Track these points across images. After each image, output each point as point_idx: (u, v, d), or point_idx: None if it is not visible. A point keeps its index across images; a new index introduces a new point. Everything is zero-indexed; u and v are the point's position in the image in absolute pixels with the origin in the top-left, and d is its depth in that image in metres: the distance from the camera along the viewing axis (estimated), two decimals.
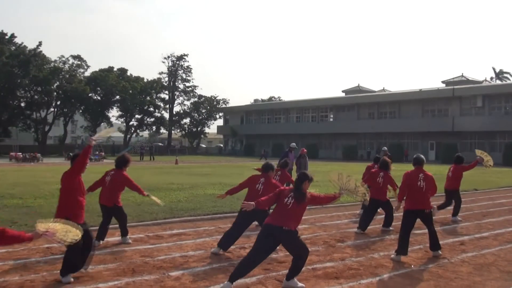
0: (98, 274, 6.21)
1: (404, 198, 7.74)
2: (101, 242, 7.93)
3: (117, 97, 62.85)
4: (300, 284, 5.81)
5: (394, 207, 7.75)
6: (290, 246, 5.77)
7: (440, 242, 8.40)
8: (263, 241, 5.70)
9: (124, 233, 8.16)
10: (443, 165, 36.24)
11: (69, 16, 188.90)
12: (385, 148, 20.18)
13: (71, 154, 40.53)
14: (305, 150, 17.85)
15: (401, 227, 7.58)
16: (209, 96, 75.47)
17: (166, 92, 72.96)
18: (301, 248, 5.75)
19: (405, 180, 7.69)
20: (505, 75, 76.31)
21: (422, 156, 7.92)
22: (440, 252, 7.49)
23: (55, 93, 57.81)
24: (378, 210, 10.71)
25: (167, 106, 73.36)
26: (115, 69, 66.07)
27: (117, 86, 60.58)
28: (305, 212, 11.98)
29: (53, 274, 6.13)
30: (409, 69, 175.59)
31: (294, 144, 18.34)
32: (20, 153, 41.33)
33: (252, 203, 5.81)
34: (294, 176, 17.57)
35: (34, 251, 7.36)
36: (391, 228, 9.64)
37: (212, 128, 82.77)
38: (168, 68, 73.89)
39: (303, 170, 17.16)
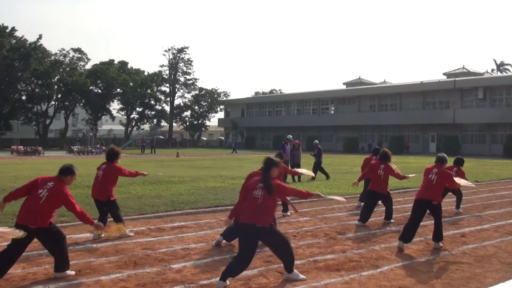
0: (100, 266, 6.24)
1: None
2: (103, 235, 7.94)
3: (118, 90, 62.79)
4: (301, 276, 5.79)
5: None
6: (267, 242, 5.64)
7: None
8: (243, 240, 5.58)
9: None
10: None
11: (70, 8, 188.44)
12: (316, 141, 20.04)
13: (72, 147, 40.21)
14: (298, 142, 18.58)
15: (410, 216, 7.72)
16: (210, 89, 75.31)
17: (167, 85, 72.80)
18: (280, 243, 5.61)
19: (424, 172, 7.91)
20: (506, 67, 76.14)
21: (442, 156, 8.00)
22: (441, 244, 7.51)
23: (55, 86, 57.74)
24: (379, 202, 10.70)
25: (168, 99, 73.26)
26: (115, 62, 65.96)
27: (117, 79, 60.47)
28: (306, 204, 12.06)
29: None
30: (410, 61, 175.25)
31: (290, 136, 19.00)
32: (21, 146, 41.38)
33: (230, 220, 5.93)
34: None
35: (37, 243, 7.37)
36: (392, 220, 9.65)
37: (213, 121, 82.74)
38: (168, 61, 73.76)
39: (297, 161, 17.46)
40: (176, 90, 74.86)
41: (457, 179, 9.05)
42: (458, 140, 46.30)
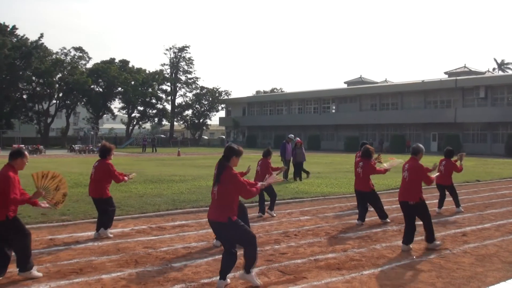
0: (101, 265, 6.24)
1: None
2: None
3: (119, 89, 62.82)
4: (258, 282, 5.48)
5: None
6: (233, 238, 5.44)
7: (442, 233, 8.44)
8: (216, 235, 5.68)
9: (107, 225, 7.91)
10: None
11: (70, 8, 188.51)
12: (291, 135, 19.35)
13: (73, 146, 40.04)
14: (300, 141, 18.37)
15: None
16: (211, 88, 75.27)
17: (168, 83, 72.82)
18: (244, 237, 5.41)
19: (402, 169, 7.69)
20: (508, 66, 76.00)
21: (416, 146, 7.66)
22: (437, 243, 7.37)
23: (57, 85, 57.75)
24: None
25: (169, 97, 73.28)
26: (116, 61, 65.96)
27: (119, 78, 60.47)
28: (307, 203, 12.05)
29: (57, 265, 6.17)
30: (411, 60, 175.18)
31: (292, 135, 18.92)
32: (23, 145, 41.38)
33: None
34: (293, 168, 17.78)
35: (38, 242, 7.40)
36: (388, 219, 9.51)
37: (214, 119, 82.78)
38: (170, 60, 73.78)
39: (299, 160, 17.46)
40: (177, 89, 74.90)
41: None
42: (459, 139, 46.23)
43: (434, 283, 5.69)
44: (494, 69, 73.73)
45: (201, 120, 75.65)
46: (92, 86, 60.18)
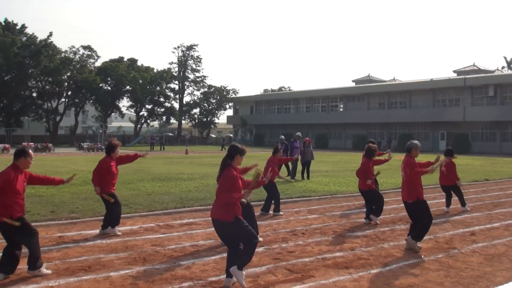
0: (110, 262, 6.28)
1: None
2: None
3: (127, 87, 63.07)
4: (244, 284, 5.27)
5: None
6: (237, 237, 5.41)
7: (451, 232, 8.42)
8: (219, 235, 5.61)
9: (114, 223, 7.92)
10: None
11: (78, 6, 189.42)
12: (299, 134, 19.16)
13: (82, 144, 40.29)
14: (309, 140, 18.33)
15: None
16: (219, 86, 75.46)
17: (176, 82, 73.04)
18: (247, 236, 5.34)
19: None
20: None
21: (409, 142, 7.56)
22: (418, 245, 7.14)
23: (66, 84, 58.19)
24: None
25: (177, 96, 73.52)
26: (125, 59, 66.22)
27: (127, 76, 60.74)
28: (315, 202, 12.03)
29: (65, 262, 6.21)
30: (420, 58, 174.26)
31: (299, 133, 18.80)
32: (32, 143, 41.72)
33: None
34: (300, 166, 17.77)
35: (47, 239, 7.46)
36: (378, 221, 9.24)
37: (221, 118, 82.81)
38: (178, 58, 73.97)
39: (307, 159, 17.41)
40: (185, 88, 75.15)
41: None
42: (468, 138, 45.98)
43: (442, 283, 5.66)
44: (503, 67, 73.23)
45: (208, 119, 75.81)
46: (100, 85, 60.47)
